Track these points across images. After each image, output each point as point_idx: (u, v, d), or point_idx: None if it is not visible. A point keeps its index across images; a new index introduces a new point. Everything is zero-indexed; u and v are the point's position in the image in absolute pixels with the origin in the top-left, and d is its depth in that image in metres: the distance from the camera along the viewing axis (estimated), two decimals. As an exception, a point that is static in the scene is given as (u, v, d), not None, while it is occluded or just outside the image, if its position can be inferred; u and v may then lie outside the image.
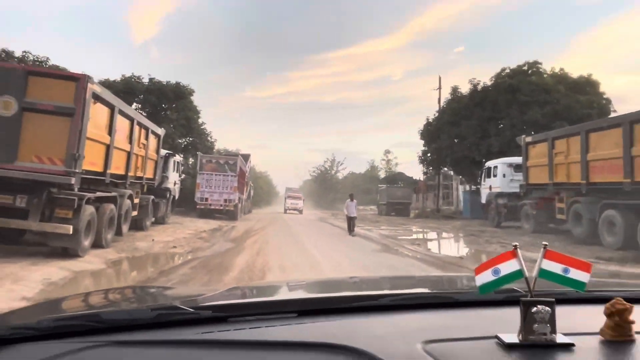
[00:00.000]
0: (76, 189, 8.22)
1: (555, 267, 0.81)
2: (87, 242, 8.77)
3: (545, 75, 25.63)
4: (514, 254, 0.82)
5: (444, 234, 17.40)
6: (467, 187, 28.41)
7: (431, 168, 30.54)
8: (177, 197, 19.06)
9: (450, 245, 14.93)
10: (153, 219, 15.39)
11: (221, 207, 23.33)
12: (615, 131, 11.10)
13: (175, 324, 0.91)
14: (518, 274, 0.81)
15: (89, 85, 8.08)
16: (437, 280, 1.62)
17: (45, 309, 1.34)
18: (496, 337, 0.79)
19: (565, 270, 0.81)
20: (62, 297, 1.70)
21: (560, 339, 0.77)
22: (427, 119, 29.46)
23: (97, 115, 8.80)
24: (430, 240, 15.83)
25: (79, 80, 8.00)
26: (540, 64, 26.22)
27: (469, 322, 0.90)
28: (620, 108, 23.43)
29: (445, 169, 29.99)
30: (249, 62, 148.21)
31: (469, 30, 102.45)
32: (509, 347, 0.75)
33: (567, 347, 0.76)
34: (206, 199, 23.31)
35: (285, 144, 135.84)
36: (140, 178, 12.84)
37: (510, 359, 0.74)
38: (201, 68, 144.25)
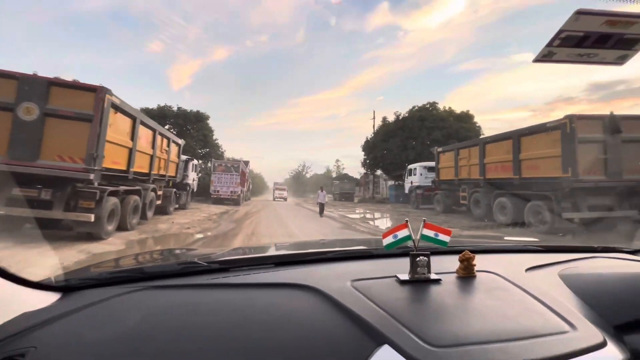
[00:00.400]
0: (96, 184, 6.05)
1: (430, 233, 0.82)
2: (110, 227, 6.64)
3: (440, 110, 24.73)
4: (405, 225, 0.82)
5: (384, 215, 15.72)
6: (392, 182, 27.17)
7: (369, 170, 28.97)
8: (195, 190, 16.70)
9: (388, 222, 13.36)
10: (177, 206, 13.20)
11: (229, 197, 21.16)
12: (506, 142, 9.90)
13: (194, 273, 0.84)
14: (408, 237, 0.81)
15: (107, 96, 5.93)
16: (364, 241, 1.44)
17: (102, 265, 1.14)
18: (395, 276, 0.77)
19: (436, 235, 0.81)
20: (116, 257, 1.46)
21: (433, 276, 0.77)
22: (367, 138, 28.13)
23: (118, 122, 6.64)
24: (376, 219, 14.15)
25: (97, 91, 5.84)
26: (437, 103, 25.38)
27: (380, 267, 0.85)
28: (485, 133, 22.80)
29: (380, 171, 28.59)
30: (249, 102, 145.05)
31: (387, 85, 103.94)
32: (402, 282, 0.75)
33: (437, 281, 0.75)
34: (218, 191, 21.13)
35: (273, 156, 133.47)
36: (164, 175, 10.57)
37: (403, 290, 0.72)
38: (218, 105, 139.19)
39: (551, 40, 0.38)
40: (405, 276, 0.76)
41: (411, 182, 17.81)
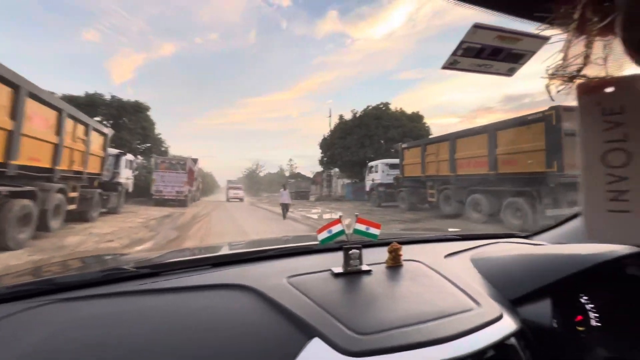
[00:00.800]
0: None
1: (362, 227, 0.82)
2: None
3: (393, 111, 24.59)
4: (339, 221, 0.81)
5: (349, 214, 14.46)
6: (349, 180, 26.37)
7: (326, 168, 27.78)
8: (130, 190, 13.76)
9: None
10: (104, 210, 10.42)
11: (174, 197, 18.29)
12: (480, 137, 9.26)
13: (119, 281, 0.73)
14: (342, 232, 0.80)
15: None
16: (302, 237, 1.22)
17: (4, 278, 0.90)
18: (330, 270, 0.77)
19: (367, 228, 0.82)
20: (24, 269, 1.27)
21: (364, 267, 0.77)
22: (324, 136, 26.91)
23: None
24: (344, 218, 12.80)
25: None
26: (389, 104, 25.13)
27: (317, 262, 0.83)
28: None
29: (336, 169, 27.51)
30: (199, 100, 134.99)
31: (336, 89, 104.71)
32: (336, 275, 0.75)
33: (368, 272, 0.76)
34: (161, 192, 18.16)
35: (225, 155, 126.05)
36: (80, 172, 7.93)
37: (337, 283, 0.72)
38: (165, 102, 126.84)
39: (455, 49, 0.40)
40: (339, 269, 0.76)
41: (372, 180, 16.93)
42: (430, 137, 12.64)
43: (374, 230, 0.82)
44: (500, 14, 0.36)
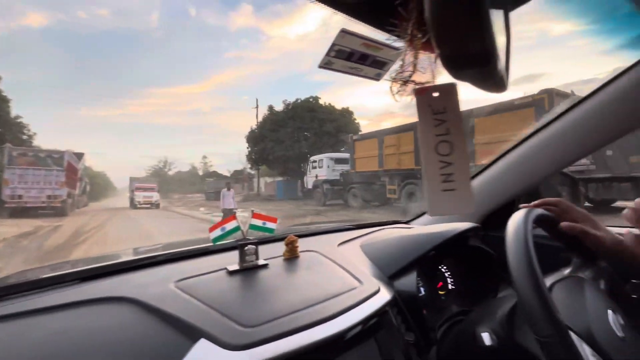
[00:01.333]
0: None
1: (258, 222, 0.78)
2: None
3: (324, 105, 23.24)
4: (234, 217, 0.75)
5: (301, 217, 11.99)
6: (279, 178, 23.96)
7: (254, 164, 24.52)
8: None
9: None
10: None
11: (44, 204, 12.88)
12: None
13: None
14: (237, 228, 0.75)
15: None
16: (195, 240, 1.01)
17: None
18: (225, 268, 0.70)
19: (264, 223, 0.78)
20: None
21: (261, 262, 0.73)
22: (251, 128, 23.69)
23: None
24: (311, 224, 10.44)
25: None
26: (320, 98, 23.72)
27: (211, 263, 0.74)
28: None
29: (250, 167, 24.65)
30: (85, 86, 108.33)
31: (251, 86, 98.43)
32: (232, 273, 0.69)
33: (265, 266, 0.73)
34: (19, 196, 12.53)
35: (122, 152, 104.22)
36: None
37: (231, 280, 0.67)
38: (36, 85, 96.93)
39: (328, 50, 0.42)
40: (235, 266, 0.71)
41: (316, 176, 15.03)
42: (390, 127, 11.40)
43: (270, 225, 0.79)
44: (359, 22, 0.40)
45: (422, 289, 0.80)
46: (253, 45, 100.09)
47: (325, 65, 0.43)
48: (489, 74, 0.30)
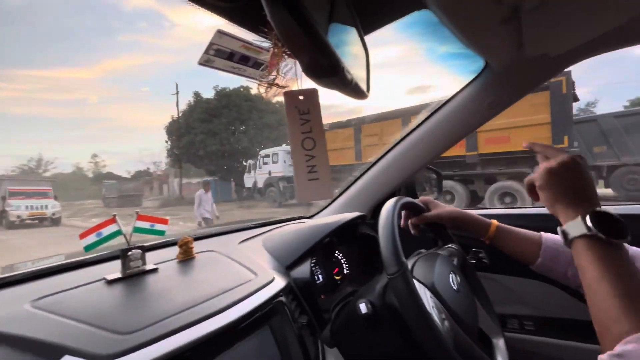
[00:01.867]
0: None
1: (145, 224, 0.69)
2: None
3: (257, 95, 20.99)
4: (113, 220, 0.65)
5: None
6: (208, 178, 20.33)
7: (178, 161, 20.13)
8: None
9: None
10: None
11: None
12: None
13: None
14: (118, 232, 0.64)
15: None
16: (72, 254, 0.79)
17: None
18: (103, 278, 0.61)
19: (152, 225, 0.70)
20: None
21: (149, 267, 0.65)
22: (172, 117, 19.34)
23: None
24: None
25: None
26: (251, 88, 21.17)
27: (84, 276, 0.63)
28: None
29: (172, 165, 20.52)
30: None
31: (153, 77, 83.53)
32: (112, 282, 0.60)
33: (154, 270, 0.65)
34: None
35: None
36: None
37: (111, 289, 0.59)
38: None
39: (206, 49, 0.43)
40: (116, 275, 0.62)
41: (269, 173, 12.79)
42: (368, 115, 10.18)
43: (160, 227, 0.70)
44: (237, 26, 0.42)
45: (320, 277, 0.83)
46: (154, 30, 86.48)
47: (205, 62, 0.44)
48: (341, 82, 0.35)
